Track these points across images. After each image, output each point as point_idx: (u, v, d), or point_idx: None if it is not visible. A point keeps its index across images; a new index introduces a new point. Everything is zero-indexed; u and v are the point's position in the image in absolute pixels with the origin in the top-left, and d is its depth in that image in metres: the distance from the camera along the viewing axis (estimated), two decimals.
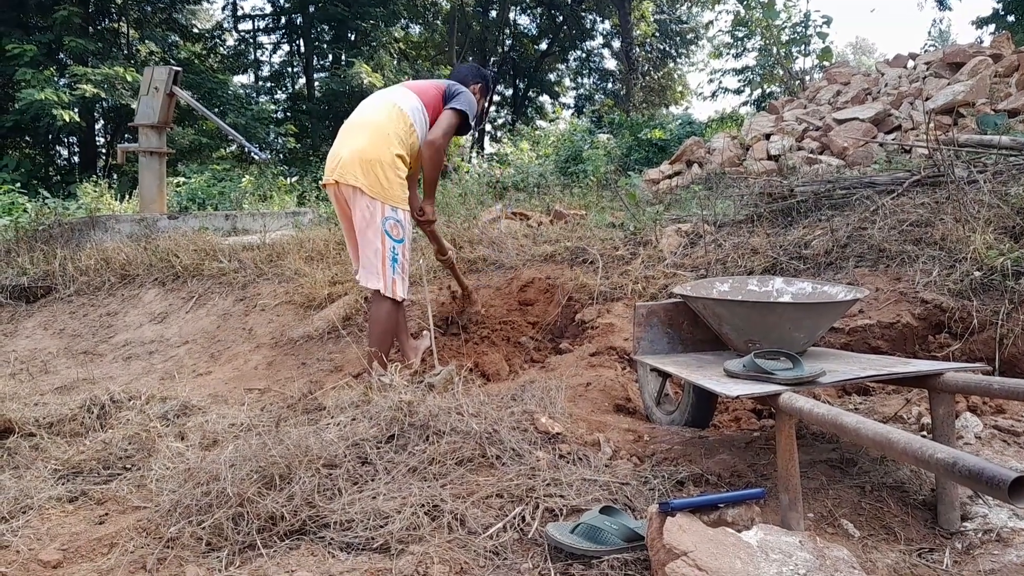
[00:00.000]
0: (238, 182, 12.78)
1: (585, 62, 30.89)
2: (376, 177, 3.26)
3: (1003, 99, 7.38)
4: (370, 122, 3.40)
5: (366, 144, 3.31)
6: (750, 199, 4.88)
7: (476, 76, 3.73)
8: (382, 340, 3.32)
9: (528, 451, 2.17)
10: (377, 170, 3.27)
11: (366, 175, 3.26)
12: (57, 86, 15.54)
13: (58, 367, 5.00)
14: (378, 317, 3.35)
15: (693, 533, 1.52)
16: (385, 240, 3.29)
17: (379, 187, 3.27)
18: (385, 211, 3.28)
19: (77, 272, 6.63)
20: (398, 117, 3.38)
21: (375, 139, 3.32)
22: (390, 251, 3.30)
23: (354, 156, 3.30)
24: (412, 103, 3.45)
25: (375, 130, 3.35)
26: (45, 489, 2.31)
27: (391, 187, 3.29)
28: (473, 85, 3.66)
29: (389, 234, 3.29)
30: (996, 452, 2.22)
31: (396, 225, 3.31)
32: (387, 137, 3.32)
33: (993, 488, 1.15)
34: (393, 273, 3.32)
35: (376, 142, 3.31)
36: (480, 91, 3.70)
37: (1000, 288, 3.03)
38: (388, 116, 3.39)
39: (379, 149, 3.29)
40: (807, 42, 14.38)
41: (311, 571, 1.66)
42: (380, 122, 3.38)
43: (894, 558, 1.76)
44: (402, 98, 3.47)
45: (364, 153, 3.29)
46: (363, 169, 3.27)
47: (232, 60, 24.06)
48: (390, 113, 3.40)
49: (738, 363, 2.12)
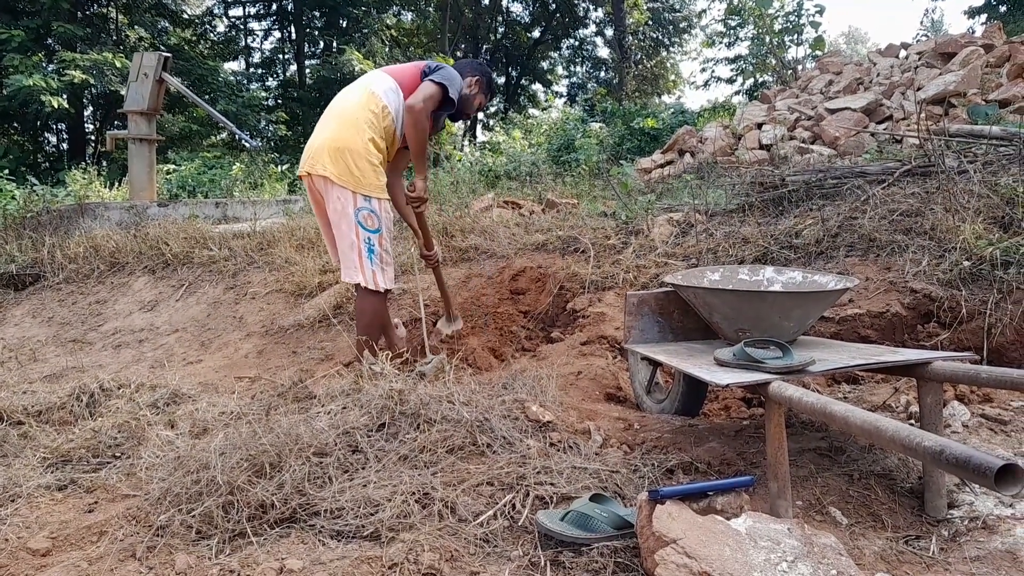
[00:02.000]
0: (228, 170, 12.70)
1: (578, 50, 30.80)
2: (346, 165, 3.16)
3: (994, 89, 7.40)
4: (340, 109, 3.30)
5: (335, 132, 3.22)
6: (742, 188, 4.88)
7: (475, 70, 3.59)
8: (371, 330, 3.27)
9: (519, 439, 2.17)
10: (347, 158, 3.16)
11: (335, 163, 3.16)
12: (45, 72, 15.39)
13: (47, 355, 4.97)
14: (364, 309, 3.29)
15: (682, 521, 1.53)
16: (359, 231, 3.19)
17: (349, 175, 3.16)
18: (357, 201, 3.18)
19: (66, 260, 6.59)
20: (368, 100, 3.27)
21: (344, 125, 3.22)
22: (365, 242, 3.20)
23: (323, 145, 3.21)
24: (386, 84, 3.33)
25: (344, 116, 3.25)
26: (34, 477, 2.30)
27: (363, 175, 3.18)
28: (469, 77, 3.52)
29: (363, 225, 3.18)
30: (983, 440, 2.23)
31: (370, 215, 3.20)
32: (356, 122, 3.21)
33: (979, 476, 1.16)
34: (372, 265, 3.22)
35: (345, 129, 3.21)
36: (477, 85, 3.54)
37: (989, 278, 3.05)
38: (358, 101, 3.28)
39: (348, 136, 3.19)
40: (800, 31, 14.36)
41: (301, 559, 1.66)
42: (350, 108, 3.27)
43: (881, 545, 1.78)
44: (375, 81, 3.36)
45: (333, 141, 3.19)
46: (331, 157, 3.17)
47: (222, 46, 23.88)
48: (361, 97, 3.29)
49: (728, 352, 2.13)
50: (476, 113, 3.73)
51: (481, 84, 3.56)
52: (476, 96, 3.56)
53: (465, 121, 4.02)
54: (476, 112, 3.68)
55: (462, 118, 3.62)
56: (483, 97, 3.61)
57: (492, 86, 3.67)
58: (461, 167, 10.78)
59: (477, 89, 3.55)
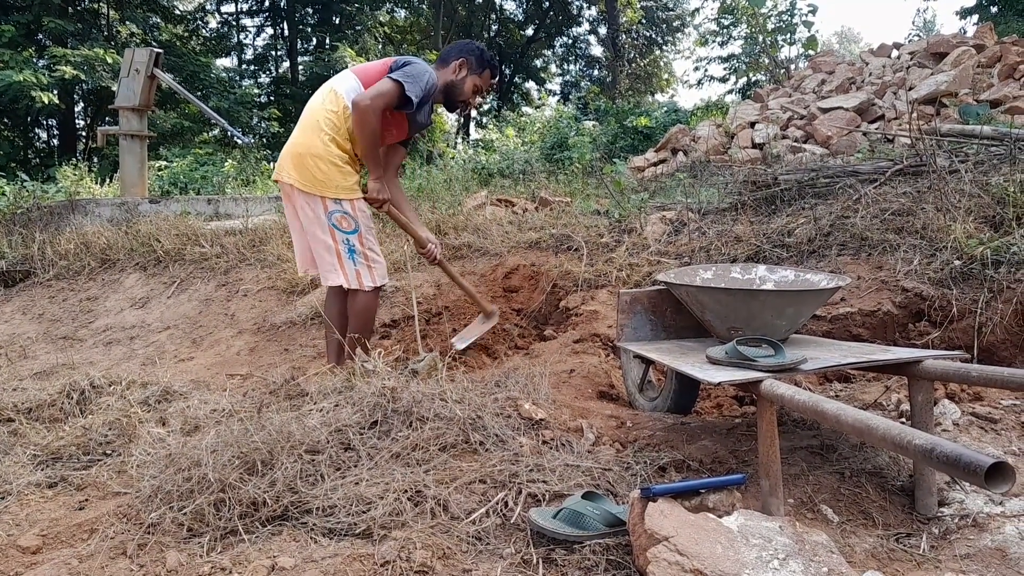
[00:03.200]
0: (220, 166, 12.66)
1: (571, 48, 30.83)
2: (308, 171, 3.10)
3: (985, 89, 7.43)
4: (305, 113, 3.24)
5: (296, 137, 3.18)
6: (734, 187, 4.89)
7: (460, 51, 3.35)
8: (363, 327, 3.24)
9: (511, 437, 2.17)
10: (308, 163, 3.10)
11: (298, 170, 3.12)
12: (36, 67, 15.30)
13: (37, 352, 4.95)
14: (355, 310, 3.24)
15: (674, 518, 1.53)
16: (335, 234, 3.14)
17: (314, 180, 3.11)
18: (327, 205, 3.12)
19: (56, 256, 6.56)
20: (331, 101, 3.18)
21: (304, 130, 3.17)
22: (343, 244, 3.15)
23: (287, 151, 3.17)
24: (348, 84, 3.20)
25: (305, 120, 3.20)
26: (24, 475, 2.29)
27: (328, 178, 3.11)
28: (454, 61, 3.31)
29: (338, 227, 3.13)
30: (973, 439, 2.25)
31: (343, 217, 3.14)
32: (316, 124, 3.14)
33: (970, 474, 1.17)
34: (355, 265, 3.17)
35: (305, 133, 3.16)
36: (464, 67, 3.31)
37: (980, 277, 3.06)
38: (320, 102, 3.21)
39: (308, 140, 3.13)
40: (793, 31, 14.39)
41: (293, 556, 1.66)
42: (312, 111, 3.21)
43: (872, 543, 1.78)
44: (339, 81, 3.26)
45: (294, 147, 3.15)
46: (294, 163, 3.13)
47: (215, 43, 23.80)
48: (324, 98, 3.21)
49: (720, 350, 2.13)
50: (476, 97, 3.42)
51: (468, 64, 3.31)
52: (466, 79, 3.32)
53: (463, 111, 3.67)
54: (475, 95, 3.40)
55: (458, 107, 3.43)
56: (476, 78, 3.34)
57: (486, 63, 3.36)
58: (454, 164, 10.77)
59: (465, 72, 3.32)
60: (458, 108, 3.45)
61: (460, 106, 3.42)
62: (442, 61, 3.36)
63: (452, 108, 3.46)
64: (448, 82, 3.31)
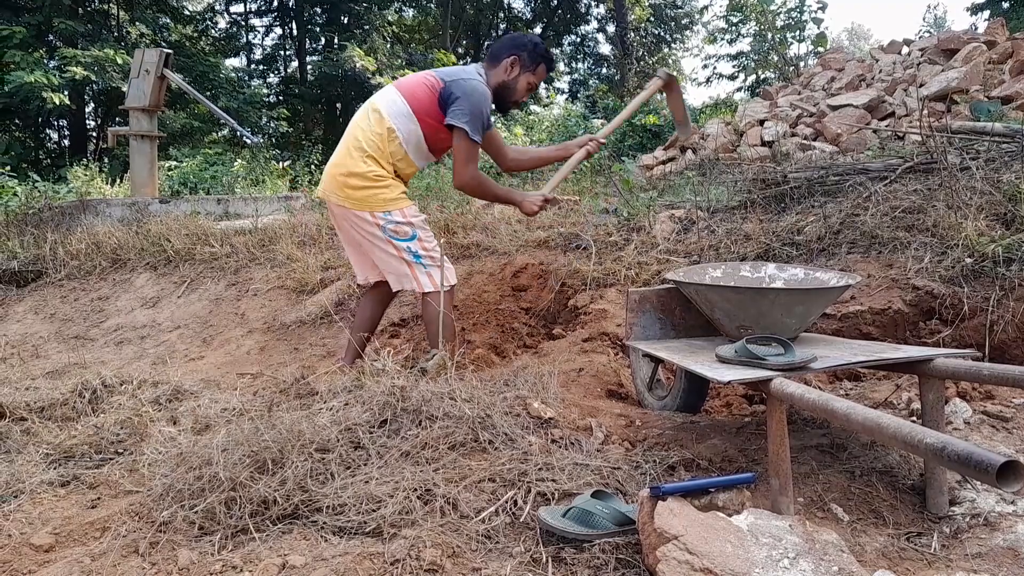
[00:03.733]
0: (230, 166, 12.71)
1: (579, 47, 30.76)
2: (352, 190, 3.10)
3: (997, 86, 7.38)
4: (349, 132, 3.21)
5: (336, 159, 3.17)
6: (743, 185, 4.87)
7: (512, 48, 3.15)
8: (446, 331, 3.11)
9: (520, 436, 2.17)
10: (351, 183, 3.10)
11: (342, 191, 3.11)
12: (47, 68, 15.39)
13: (49, 351, 4.98)
14: (431, 317, 3.14)
15: (684, 517, 1.53)
16: (396, 244, 3.12)
17: (358, 199, 3.10)
18: (377, 220, 3.10)
19: (68, 256, 6.60)
20: (374, 121, 3.12)
21: (344, 150, 3.15)
22: (407, 252, 3.13)
23: (329, 173, 3.18)
24: (397, 108, 3.11)
25: (347, 140, 3.17)
26: (37, 473, 2.31)
27: (370, 195, 3.09)
28: (506, 59, 3.13)
29: (395, 238, 3.11)
30: (985, 437, 2.23)
31: (397, 227, 3.11)
32: (356, 144, 3.11)
33: (981, 473, 1.16)
34: (425, 268, 3.15)
35: (344, 154, 3.14)
36: (516, 65, 3.14)
37: (991, 275, 3.04)
38: (365, 123, 3.15)
39: (347, 162, 3.12)
40: (802, 28, 14.34)
41: (303, 555, 1.67)
42: (353, 130, 3.17)
43: (882, 542, 1.78)
44: (384, 101, 3.16)
45: (335, 168, 3.14)
46: (337, 184, 3.13)
47: (224, 43, 23.88)
48: (367, 118, 3.15)
49: (730, 349, 2.13)
50: (529, 94, 3.26)
51: (522, 61, 3.14)
52: (519, 78, 3.16)
53: (521, 108, 3.49)
54: (529, 93, 3.24)
55: (510, 107, 3.30)
56: (530, 75, 3.17)
57: (538, 56, 3.17)
58: None
59: (517, 70, 3.15)
60: (511, 108, 3.31)
61: (513, 106, 3.29)
62: (493, 58, 3.18)
63: (504, 110, 3.33)
64: (501, 83, 3.16)
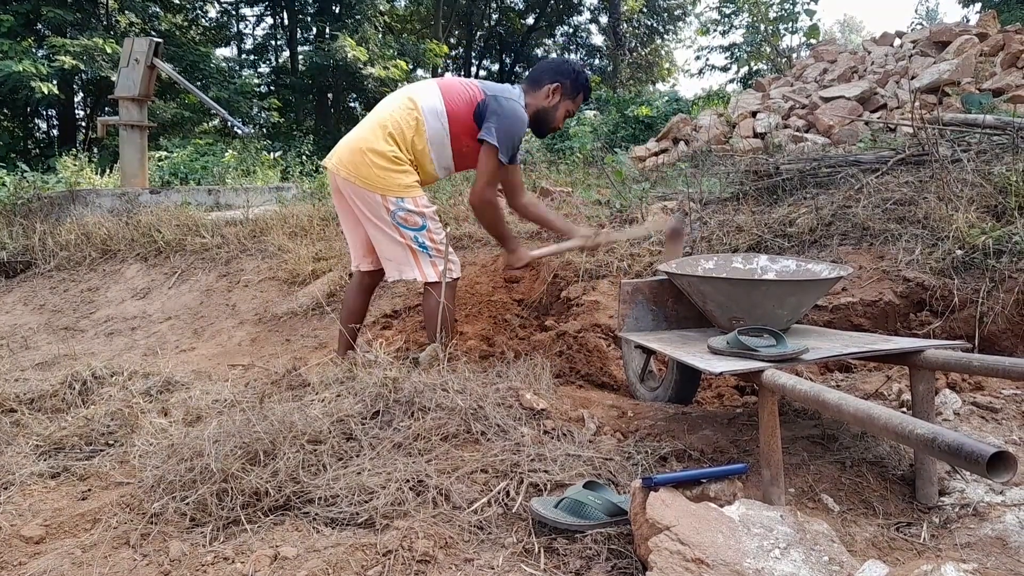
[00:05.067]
0: (221, 156, 12.63)
1: (572, 37, 30.71)
2: (369, 166, 2.95)
3: (988, 78, 7.41)
4: (375, 112, 3.11)
5: (357, 132, 3.06)
6: (736, 177, 4.88)
7: (554, 74, 3.08)
8: (445, 324, 3.03)
9: (513, 427, 2.18)
10: (369, 158, 2.94)
11: (357, 166, 2.97)
12: (35, 57, 15.26)
13: (38, 343, 4.95)
14: (431, 311, 3.03)
15: (676, 508, 1.53)
16: (404, 232, 3.00)
17: (374, 177, 2.95)
18: (388, 204, 2.96)
19: (57, 247, 6.56)
20: (406, 109, 3.01)
21: (369, 127, 3.03)
22: (414, 241, 3.01)
23: (347, 145, 3.04)
24: (432, 103, 3.00)
25: (375, 119, 3.05)
26: (27, 465, 2.30)
27: (388, 176, 2.95)
28: (548, 85, 3.06)
29: (403, 226, 2.99)
30: (974, 428, 2.25)
31: (408, 215, 2.98)
32: (382, 124, 2.99)
33: (971, 463, 1.17)
34: (431, 258, 3.04)
35: (368, 131, 3.02)
36: (557, 93, 3.07)
37: (981, 267, 3.06)
38: (395, 106, 3.04)
39: (369, 136, 2.99)
40: (794, 19, 14.35)
41: (295, 546, 1.66)
42: (382, 112, 3.06)
43: (872, 532, 1.79)
44: (421, 93, 3.05)
45: (357, 142, 3.00)
46: (354, 159, 2.98)
47: (214, 32, 23.72)
48: (400, 104, 3.04)
49: (722, 340, 2.13)
50: (565, 121, 3.19)
51: (563, 89, 3.07)
52: (559, 106, 3.09)
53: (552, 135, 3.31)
54: (565, 120, 3.17)
55: (548, 132, 3.21)
56: (570, 103, 3.11)
57: (580, 86, 3.12)
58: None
59: (558, 98, 3.07)
60: (547, 133, 3.23)
61: (550, 131, 3.21)
62: (534, 83, 3.11)
63: (542, 135, 3.25)
64: (540, 108, 3.08)
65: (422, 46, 23.44)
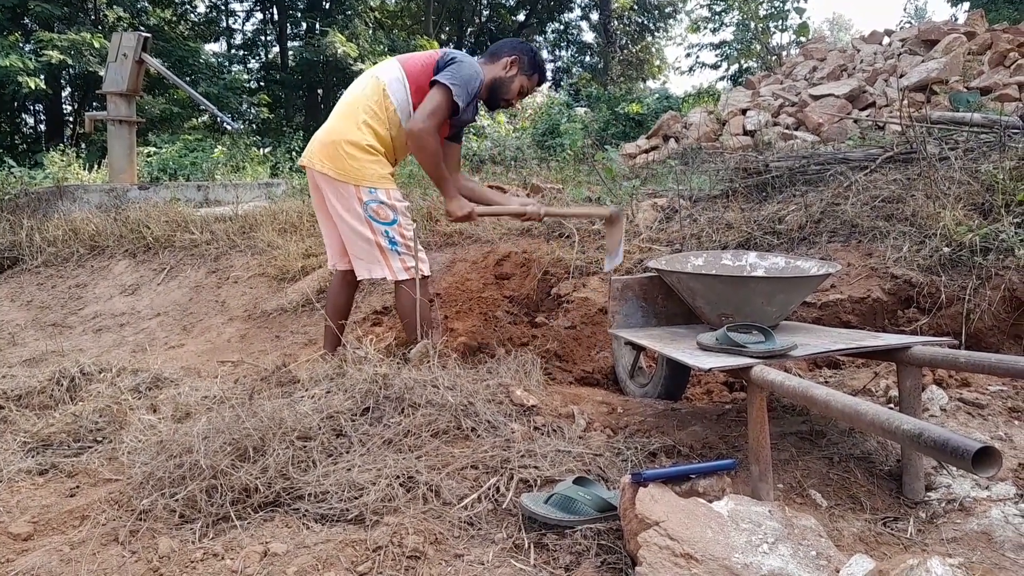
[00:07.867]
0: (210, 152, 12.57)
1: (563, 34, 30.66)
2: (341, 158, 2.94)
3: (976, 77, 7.45)
4: (342, 100, 3.11)
5: (330, 124, 3.04)
6: (726, 174, 4.89)
7: (513, 49, 3.14)
8: (425, 322, 3.03)
9: (503, 423, 2.18)
10: (341, 150, 2.94)
11: (331, 158, 2.96)
12: (22, 52, 15.12)
13: (26, 339, 4.92)
14: (405, 309, 3.02)
15: (665, 503, 1.54)
16: (373, 226, 2.96)
17: (346, 168, 2.93)
18: (361, 194, 2.94)
19: (44, 243, 6.52)
20: (372, 88, 3.02)
21: (340, 116, 3.03)
22: (383, 236, 2.98)
23: (319, 138, 3.04)
24: (393, 74, 3.03)
25: (344, 107, 3.06)
26: (14, 462, 2.28)
27: (360, 166, 2.94)
28: (506, 58, 3.10)
29: (375, 219, 2.95)
30: (961, 424, 2.27)
31: (380, 207, 2.95)
32: (354, 112, 2.99)
33: (957, 458, 1.18)
34: (399, 255, 3.00)
35: (340, 120, 3.01)
36: (515, 65, 3.10)
37: (968, 264, 3.08)
38: (362, 89, 3.05)
39: (343, 126, 2.98)
40: (784, 17, 14.39)
41: (285, 542, 1.66)
42: (351, 97, 3.07)
43: (860, 527, 1.80)
44: (384, 69, 3.08)
45: (328, 134, 3.00)
46: (326, 152, 2.97)
47: (203, 27, 23.56)
48: (365, 85, 3.05)
49: (711, 336, 2.14)
50: (519, 98, 3.22)
51: (520, 63, 3.10)
52: (515, 78, 3.12)
53: (505, 109, 3.27)
54: (519, 98, 3.21)
55: (501, 105, 3.21)
56: (525, 79, 3.14)
57: (537, 65, 3.16)
58: None
59: (515, 70, 3.11)
60: (500, 107, 3.23)
61: (503, 105, 3.22)
62: (492, 55, 3.16)
63: (494, 106, 3.24)
64: (496, 78, 3.11)
65: (412, 42, 23.35)
